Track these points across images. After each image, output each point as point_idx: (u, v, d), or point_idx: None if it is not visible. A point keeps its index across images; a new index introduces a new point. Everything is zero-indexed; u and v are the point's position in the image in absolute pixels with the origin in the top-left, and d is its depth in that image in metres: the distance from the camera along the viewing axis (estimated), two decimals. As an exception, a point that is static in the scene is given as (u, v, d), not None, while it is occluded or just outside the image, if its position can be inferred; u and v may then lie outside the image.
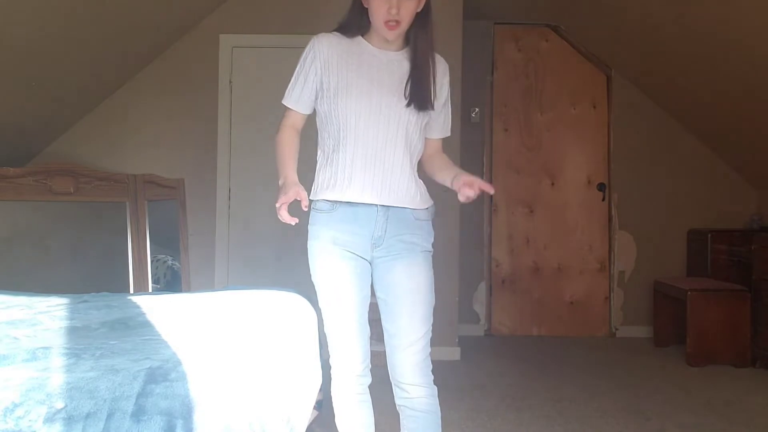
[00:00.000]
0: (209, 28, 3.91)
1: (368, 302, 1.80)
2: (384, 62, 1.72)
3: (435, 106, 1.75)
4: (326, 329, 1.79)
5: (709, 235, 4.19)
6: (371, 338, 1.85)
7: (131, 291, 3.11)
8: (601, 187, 4.67)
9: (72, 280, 3.59)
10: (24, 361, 1.36)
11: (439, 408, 1.76)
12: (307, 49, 1.75)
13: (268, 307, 2.10)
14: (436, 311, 1.83)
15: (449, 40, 3.86)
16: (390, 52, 1.73)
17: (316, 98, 1.76)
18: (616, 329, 4.59)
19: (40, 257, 3.66)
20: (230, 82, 3.90)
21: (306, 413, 1.99)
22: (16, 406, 1.14)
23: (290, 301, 2.26)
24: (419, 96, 1.69)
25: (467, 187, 1.68)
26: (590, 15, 4.26)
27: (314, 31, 4.09)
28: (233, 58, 3.90)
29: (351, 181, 1.71)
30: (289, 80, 1.79)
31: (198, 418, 1.15)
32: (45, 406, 1.14)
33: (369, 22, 1.70)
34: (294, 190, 1.67)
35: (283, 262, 3.88)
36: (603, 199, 4.66)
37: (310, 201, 1.78)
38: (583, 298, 4.65)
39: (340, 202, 1.73)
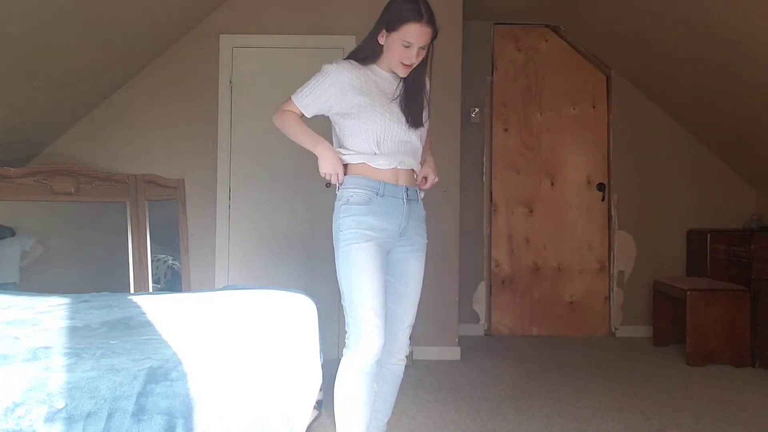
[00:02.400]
0: (209, 28, 3.91)
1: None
2: (393, 83, 2.10)
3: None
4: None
5: (709, 235, 4.20)
6: None
7: (132, 291, 3.12)
8: (600, 187, 4.67)
9: (72, 279, 3.60)
10: (25, 360, 1.36)
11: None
12: (328, 70, 2.05)
13: (268, 307, 2.11)
14: (436, 311, 1.93)
15: (449, 40, 3.87)
16: (391, 74, 2.09)
17: (320, 111, 2.07)
18: (616, 329, 4.59)
19: (40, 257, 3.66)
20: (230, 82, 3.90)
21: (306, 413, 1.99)
22: (16, 405, 1.14)
23: (290, 300, 2.26)
24: (414, 112, 2.08)
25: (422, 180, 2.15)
26: (590, 15, 4.26)
27: (314, 31, 4.10)
28: (233, 58, 3.90)
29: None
30: (304, 83, 2.07)
31: (198, 418, 1.15)
32: (46, 406, 1.15)
33: (380, 53, 2.07)
34: (341, 164, 2.03)
35: (284, 261, 3.88)
36: (603, 199, 4.67)
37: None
38: (583, 298, 4.65)
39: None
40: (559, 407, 2.96)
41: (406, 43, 1.98)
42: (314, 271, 3.82)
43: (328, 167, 1.99)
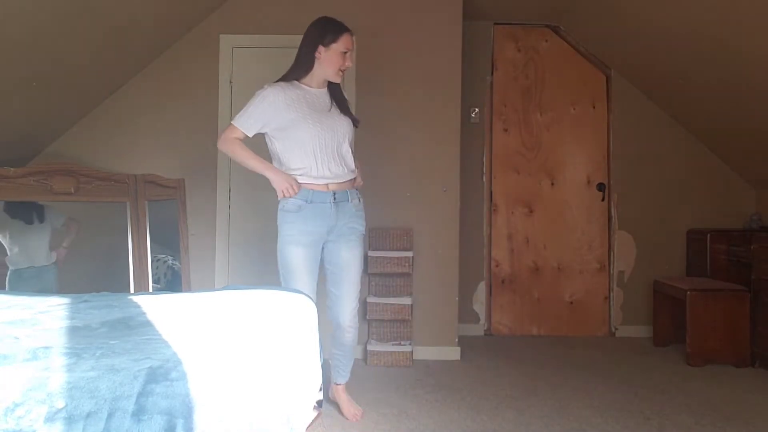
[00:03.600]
0: (209, 28, 3.91)
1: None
2: (319, 96, 2.56)
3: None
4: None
5: (709, 235, 4.20)
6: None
7: (132, 290, 3.12)
8: (600, 187, 4.67)
9: (72, 279, 3.60)
10: (24, 360, 1.36)
11: (356, 336, 2.76)
12: (263, 94, 2.47)
13: (268, 307, 2.10)
14: (436, 311, 1.95)
15: (449, 40, 3.87)
16: (321, 90, 2.57)
17: (259, 129, 2.51)
18: (616, 329, 4.59)
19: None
20: (230, 82, 3.90)
21: (306, 413, 2.00)
22: (16, 405, 1.14)
23: (290, 300, 2.26)
24: (349, 114, 2.62)
25: None
26: (590, 15, 4.26)
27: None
28: (233, 58, 3.90)
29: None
30: (242, 109, 2.51)
31: (198, 418, 1.15)
32: (45, 406, 1.14)
33: (309, 71, 2.52)
34: (291, 177, 2.51)
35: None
36: (602, 199, 4.67)
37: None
38: (583, 298, 4.65)
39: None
40: (559, 407, 2.96)
41: (345, 50, 2.50)
42: (314, 271, 3.82)
43: (282, 184, 2.45)
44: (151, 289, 3.19)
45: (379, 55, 3.90)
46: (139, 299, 2.23)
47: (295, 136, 2.46)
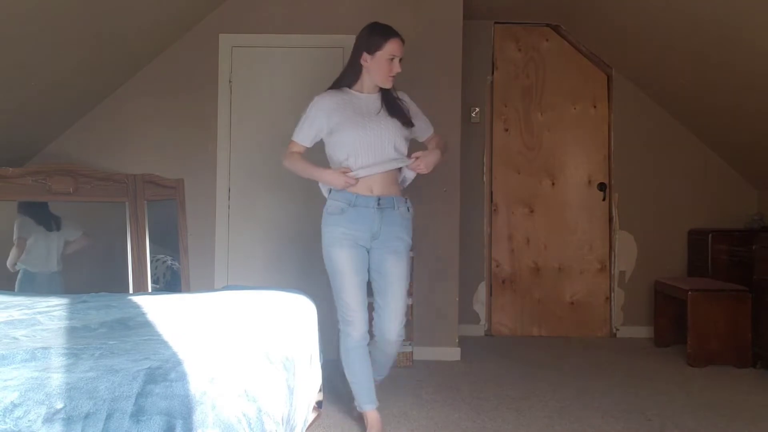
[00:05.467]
0: (209, 28, 3.90)
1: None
2: (368, 101, 2.54)
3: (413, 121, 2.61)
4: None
5: (710, 235, 4.19)
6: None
7: (131, 291, 3.11)
8: (601, 186, 4.66)
9: (72, 279, 3.59)
10: (23, 361, 1.35)
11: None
12: (312, 104, 2.54)
13: (268, 307, 2.10)
14: (436, 311, 1.96)
15: (449, 40, 3.86)
16: (371, 95, 2.55)
17: (315, 137, 2.56)
18: (617, 329, 4.58)
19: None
20: (230, 82, 3.89)
21: (306, 413, 1.99)
22: (15, 406, 1.14)
23: (290, 301, 2.25)
24: (400, 115, 2.54)
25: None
26: (590, 15, 4.25)
27: (314, 31, 4.13)
28: (233, 58, 3.90)
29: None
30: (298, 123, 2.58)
31: (198, 418, 1.14)
32: (44, 407, 1.14)
33: (358, 78, 2.54)
34: (339, 170, 2.46)
35: (284, 262, 3.87)
36: (603, 199, 4.66)
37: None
38: (584, 299, 4.65)
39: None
40: (560, 408, 2.95)
41: (391, 56, 2.47)
42: (314, 271, 3.81)
43: (338, 180, 2.42)
44: (150, 290, 3.18)
45: (379, 55, 3.88)
46: (138, 300, 2.22)
47: (339, 140, 2.47)
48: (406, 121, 2.55)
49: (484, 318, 4.63)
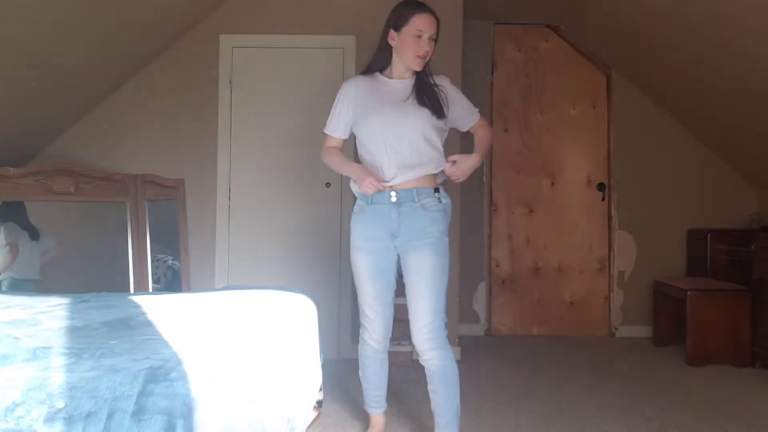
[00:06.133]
0: (209, 28, 3.91)
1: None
2: (398, 87, 2.28)
3: (449, 109, 2.30)
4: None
5: (709, 235, 4.19)
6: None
7: (131, 291, 3.12)
8: (601, 187, 4.67)
9: (72, 279, 3.60)
10: (24, 360, 1.36)
11: (450, 366, 2.27)
12: (339, 91, 2.34)
13: (268, 307, 2.10)
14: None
15: (449, 40, 3.86)
16: (402, 81, 2.29)
17: (347, 126, 2.33)
18: (616, 329, 4.59)
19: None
20: (230, 82, 3.89)
21: (306, 413, 1.99)
22: (16, 405, 1.14)
23: (290, 300, 2.26)
24: (430, 104, 2.24)
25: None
26: (590, 15, 4.26)
27: (314, 31, 4.12)
28: (233, 58, 3.90)
29: None
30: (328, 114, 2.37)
31: (198, 418, 1.15)
32: (45, 406, 1.14)
33: (389, 61, 2.29)
34: (374, 176, 2.21)
35: (284, 261, 3.88)
36: (603, 199, 4.67)
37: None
38: (583, 298, 4.65)
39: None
40: (560, 407, 2.96)
41: (418, 33, 2.18)
42: (314, 271, 3.82)
43: (364, 180, 2.18)
44: (150, 289, 3.19)
45: (379, 55, 3.89)
46: (139, 299, 2.23)
47: (361, 131, 2.28)
48: (438, 111, 2.23)
49: (483, 318, 4.63)
